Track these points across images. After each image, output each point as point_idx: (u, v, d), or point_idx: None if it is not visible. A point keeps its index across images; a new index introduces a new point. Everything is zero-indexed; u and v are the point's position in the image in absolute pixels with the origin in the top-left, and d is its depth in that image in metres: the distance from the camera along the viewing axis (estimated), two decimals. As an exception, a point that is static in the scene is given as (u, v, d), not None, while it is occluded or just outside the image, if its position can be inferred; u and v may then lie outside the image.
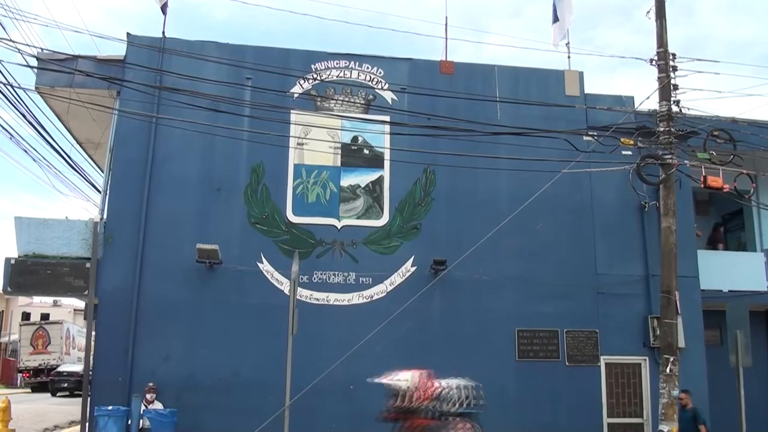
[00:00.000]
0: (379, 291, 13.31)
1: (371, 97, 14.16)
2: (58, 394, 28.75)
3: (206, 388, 12.39)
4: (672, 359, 11.11)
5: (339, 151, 13.89)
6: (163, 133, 13.20)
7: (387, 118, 13.48)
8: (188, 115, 12.02)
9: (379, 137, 13.91)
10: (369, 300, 13.24)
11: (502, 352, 13.53)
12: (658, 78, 11.80)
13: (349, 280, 13.30)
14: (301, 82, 13.94)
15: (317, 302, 13.08)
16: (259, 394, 11.99)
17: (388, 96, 14.21)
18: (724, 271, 15.60)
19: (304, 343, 11.67)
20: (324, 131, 13.58)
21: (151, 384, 12.07)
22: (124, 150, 13.26)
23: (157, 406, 11.90)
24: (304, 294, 12.87)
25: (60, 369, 30.60)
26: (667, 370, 11.08)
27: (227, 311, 12.81)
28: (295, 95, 13.85)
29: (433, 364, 13.00)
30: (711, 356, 14.48)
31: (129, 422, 11.58)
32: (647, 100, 12.89)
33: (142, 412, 11.66)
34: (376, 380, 10.18)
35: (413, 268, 13.52)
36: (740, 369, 12.06)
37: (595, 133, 13.05)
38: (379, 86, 14.23)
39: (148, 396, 11.93)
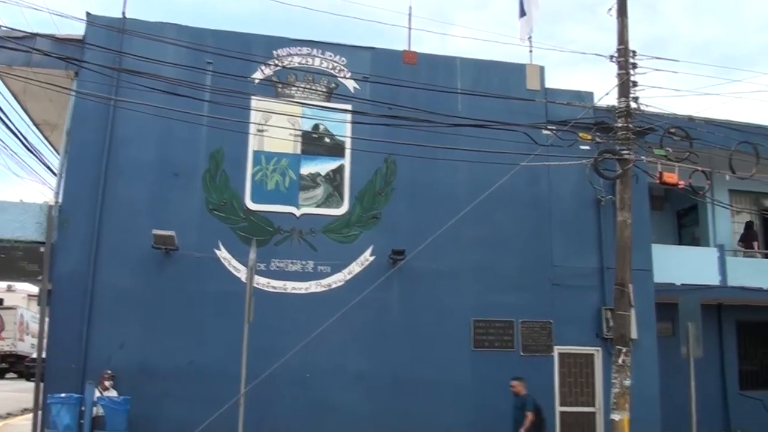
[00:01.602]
0: (337, 280, 13.37)
1: (333, 85, 14.16)
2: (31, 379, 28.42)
3: (162, 375, 12.32)
4: (624, 350, 11.31)
5: (299, 139, 13.87)
6: (121, 116, 13.03)
7: (349, 107, 13.51)
8: (147, 98, 11.80)
9: (341, 126, 13.92)
10: (327, 289, 13.28)
11: (459, 342, 13.73)
12: (618, 75, 11.94)
13: (307, 268, 13.32)
14: (263, 68, 13.86)
15: (275, 290, 13.08)
16: (216, 382, 11.96)
17: (351, 84, 14.23)
18: (678, 265, 16.01)
19: (261, 331, 11.66)
20: (285, 118, 13.49)
21: (108, 371, 11.96)
22: (81, 132, 13.06)
23: (112, 393, 11.79)
24: (261, 282, 12.84)
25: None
26: (620, 361, 11.28)
27: (184, 298, 12.75)
28: (256, 81, 13.76)
29: (390, 353, 13.26)
30: (663, 347, 14.88)
31: (83, 410, 11.45)
32: (606, 96, 13.10)
33: (95, 399, 11.53)
34: None
35: (372, 258, 13.60)
36: (691, 360, 12.39)
37: (554, 127, 13.19)
38: (342, 74, 14.24)
39: (105, 383, 11.82)
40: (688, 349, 12.45)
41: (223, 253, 13.06)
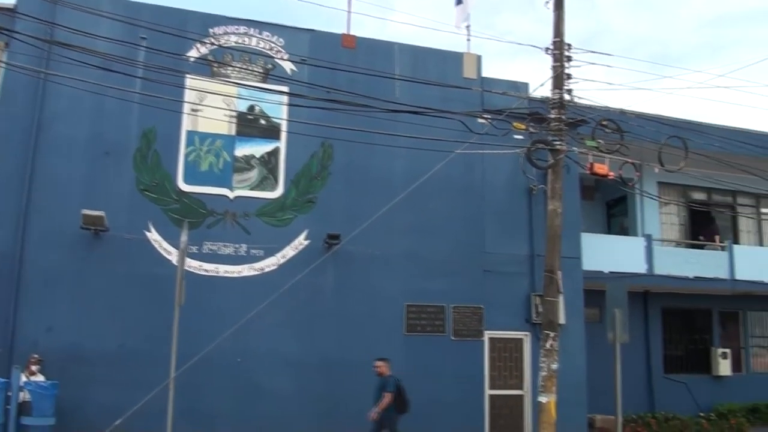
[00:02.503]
0: (270, 264, 13.47)
1: (270, 66, 14.17)
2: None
3: (91, 359, 12.25)
4: (552, 335, 11.77)
5: (234, 120, 13.84)
6: (52, 91, 12.81)
7: (286, 89, 13.40)
8: (79, 73, 11.52)
9: (277, 108, 13.92)
10: (260, 272, 13.38)
11: (391, 327, 14.03)
12: (553, 67, 12.29)
13: (240, 251, 13.38)
14: (198, 46, 13.77)
15: (207, 274, 13.11)
16: (146, 366, 11.96)
17: (288, 66, 14.27)
18: (607, 253, 16.68)
19: (193, 315, 11.77)
20: (220, 98, 13.35)
21: (35, 356, 11.83)
22: (9, 106, 12.78)
23: (39, 378, 11.67)
24: (193, 265, 12.88)
25: None
26: (548, 345, 11.73)
27: (113, 281, 12.67)
28: (191, 59, 13.66)
29: (323, 338, 13.47)
30: (591, 333, 15.49)
31: (9, 395, 11.25)
32: (541, 87, 13.43)
33: (22, 384, 11.35)
34: None
35: (306, 242, 13.76)
36: (617, 345, 12.86)
37: (490, 116, 13.53)
38: (279, 56, 14.26)
39: (32, 368, 11.67)
40: (614, 335, 12.90)
41: (154, 235, 13.03)
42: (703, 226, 20.28)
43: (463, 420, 14.07)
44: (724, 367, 19.25)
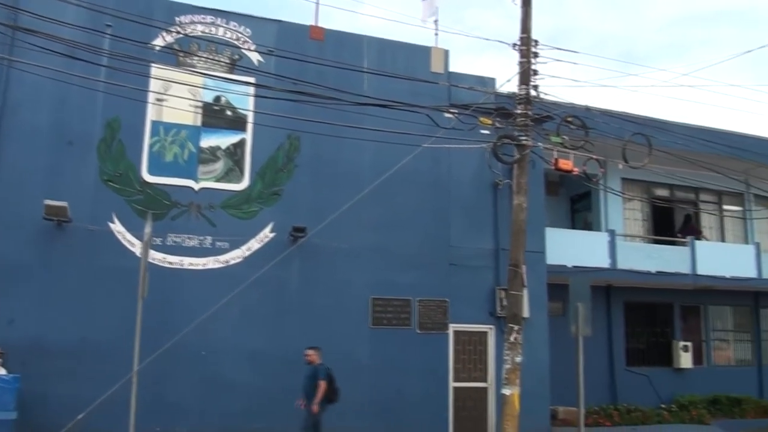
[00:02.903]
0: (235, 256, 13.49)
1: (237, 56, 14.14)
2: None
3: (54, 353, 12.15)
4: (516, 328, 11.96)
5: (200, 111, 13.80)
6: (15, 78, 12.65)
7: (252, 80, 13.39)
8: (43, 60, 11.34)
9: (243, 99, 13.90)
10: (225, 265, 13.39)
11: (357, 320, 14.14)
12: (520, 63, 12.45)
13: (204, 244, 13.37)
14: (164, 34, 13.69)
15: (171, 266, 13.09)
16: (109, 359, 11.89)
17: (255, 57, 14.25)
18: (570, 248, 17.00)
19: (157, 307, 11.79)
20: (185, 88, 13.27)
21: None
22: (-30, 94, 12.59)
23: (1, 371, 11.53)
24: (157, 257, 12.87)
25: None
26: (512, 339, 11.93)
27: (77, 273, 12.61)
28: (157, 48, 13.58)
29: (288, 331, 13.53)
30: (554, 326, 15.79)
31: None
32: (508, 82, 13.66)
33: (-18, 377, 11.26)
34: None
35: (272, 235, 13.79)
36: (580, 338, 13.05)
37: (456, 111, 13.69)
38: (246, 46, 14.23)
39: None
40: (577, 328, 13.08)
41: (117, 227, 12.97)
42: (682, 225, 21.01)
43: (427, 412, 14.26)
44: (686, 360, 19.72)
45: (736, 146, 17.81)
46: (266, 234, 13.80)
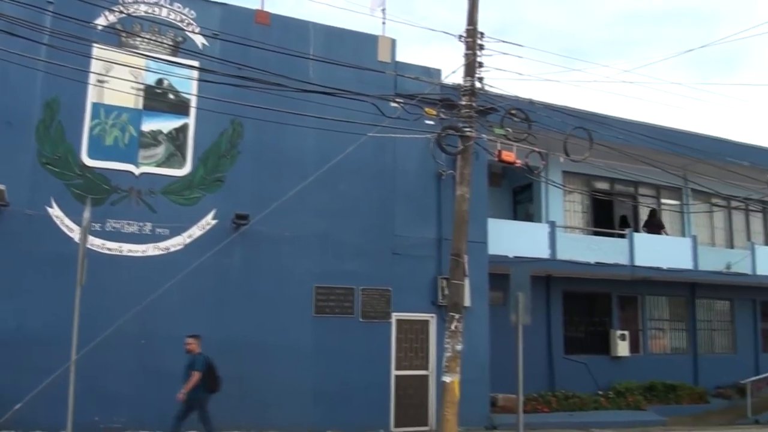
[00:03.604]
0: (176, 243, 13.43)
1: (180, 39, 14.03)
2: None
3: (-12, 342, 11.92)
4: (457, 317, 12.24)
5: (142, 93, 13.65)
6: (-50, 55, 12.34)
7: (196, 64, 13.28)
8: None
9: (186, 83, 13.78)
10: (165, 252, 13.32)
11: (300, 308, 14.25)
12: (465, 54, 12.66)
13: (145, 230, 13.28)
14: (107, 13, 13.49)
15: (110, 252, 12.98)
16: (46, 348, 11.70)
17: (199, 40, 14.15)
18: (512, 238, 17.37)
19: (95, 295, 11.65)
20: (127, 70, 13.08)
21: None
22: None
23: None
24: (96, 243, 12.74)
25: None
26: (453, 327, 12.20)
27: (12, 258, 12.40)
28: (99, 27, 13.36)
29: (230, 319, 13.55)
30: (494, 315, 16.11)
31: None
32: (453, 74, 13.79)
33: None
34: None
35: (214, 222, 13.77)
36: (520, 326, 13.31)
37: (402, 101, 13.79)
38: (190, 29, 14.13)
39: None
40: (517, 317, 13.39)
41: (55, 211, 12.81)
42: (647, 220, 21.85)
43: (369, 400, 14.48)
44: (623, 349, 20.41)
45: (675, 142, 18.37)
46: (208, 221, 13.76)
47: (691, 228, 22.37)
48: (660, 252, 20.15)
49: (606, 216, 21.02)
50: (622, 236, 20.00)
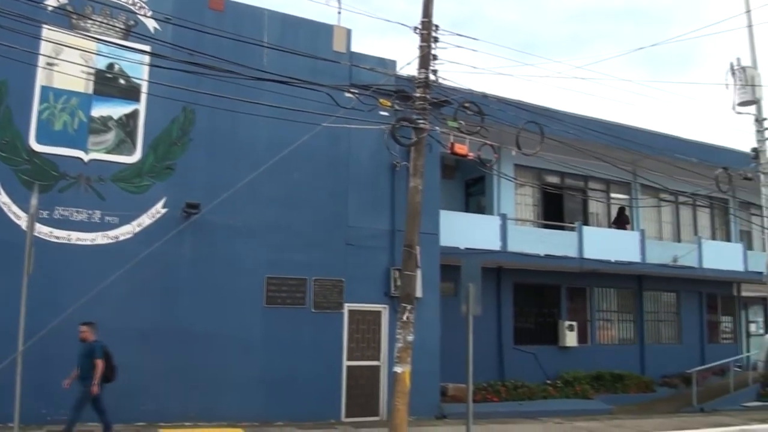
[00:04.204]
0: (125, 232, 13.30)
1: (132, 22, 13.82)
2: None
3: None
4: (409, 308, 12.41)
5: (92, 78, 13.45)
6: None
7: (148, 48, 13.06)
8: None
9: (138, 68, 13.60)
10: (114, 241, 13.19)
11: (251, 299, 14.26)
12: (420, 47, 12.78)
13: (93, 218, 13.11)
14: (58, -7, 13.21)
15: (58, 241, 12.80)
16: (-9, 339, 11.47)
17: (151, 24, 13.98)
18: (464, 230, 17.63)
19: (43, 284, 11.56)
20: (78, 53, 12.86)
21: None
22: None
23: None
24: (43, 231, 12.58)
25: None
26: (404, 318, 12.36)
27: (-44, 246, 12.12)
28: (49, 8, 13.06)
29: (180, 309, 13.48)
30: (446, 306, 16.35)
31: None
32: (408, 66, 13.93)
33: None
34: None
35: (164, 210, 13.66)
36: (470, 317, 13.48)
37: (357, 91, 13.86)
38: (142, 12, 13.91)
39: None
40: (468, 308, 13.62)
41: (2, 198, 12.56)
42: (616, 217, 22.59)
43: (320, 391, 14.60)
44: (571, 339, 20.93)
45: (625, 138, 18.86)
46: (158, 209, 13.65)
47: (640, 222, 22.99)
48: (608, 245, 20.70)
49: (556, 209, 21.44)
50: (572, 229, 20.44)
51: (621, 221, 22.73)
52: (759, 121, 19.15)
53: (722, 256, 23.65)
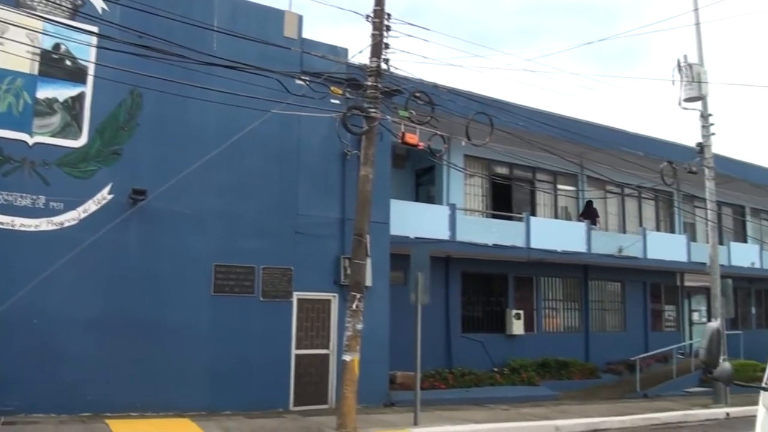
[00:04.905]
0: (71, 218, 13.00)
1: (80, 2, 13.49)
2: None
3: None
4: (359, 296, 12.57)
5: (38, 58, 13.11)
6: None
7: (95, 29, 12.76)
8: None
9: (85, 49, 13.28)
10: (59, 227, 12.87)
11: (199, 287, 14.11)
12: (372, 35, 12.89)
13: (38, 204, 12.77)
14: (2, -29, 12.90)
15: (2, 226, 12.43)
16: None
17: (99, 5, 13.67)
18: (414, 220, 17.79)
19: (-15, 271, 11.30)
20: (23, 32, 12.44)
21: None
22: None
23: None
24: (-14, 216, 12.30)
25: None
26: (354, 306, 12.53)
27: None
28: (-6, -15, 12.79)
29: (126, 298, 13.30)
30: (395, 294, 16.45)
31: None
32: (360, 54, 13.99)
33: None
34: None
35: (110, 196, 13.38)
36: (419, 306, 13.72)
37: (308, 78, 13.83)
38: (90, -9, 13.67)
39: None
40: (416, 296, 13.77)
41: (-56, 182, 12.25)
42: (584, 210, 23.11)
43: (268, 379, 14.58)
44: (518, 327, 21.35)
45: (573, 131, 19.21)
46: (104, 195, 13.38)
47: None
48: (555, 235, 21.13)
49: (505, 199, 21.78)
50: (519, 220, 20.79)
51: (590, 214, 23.20)
52: (704, 116, 19.71)
53: (666, 247, 24.37)
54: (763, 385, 5.45)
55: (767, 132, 67.84)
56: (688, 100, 19.57)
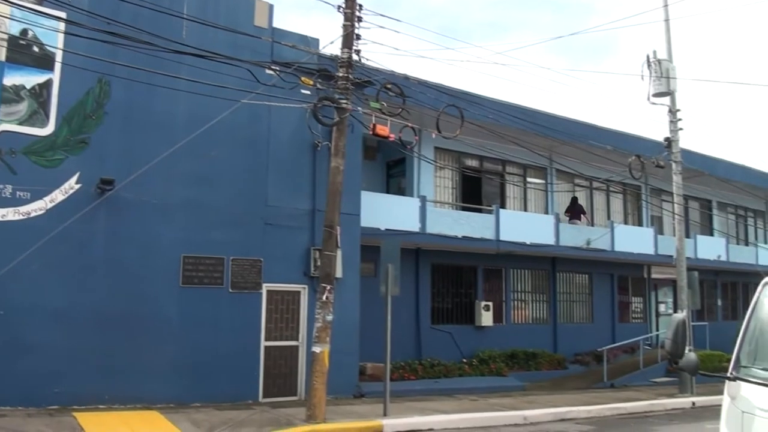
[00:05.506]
0: (37, 208, 12.81)
1: (47, -13, 13.38)
2: None
3: None
4: (329, 288, 12.62)
5: (5, 44, 12.87)
6: None
7: (63, 15, 12.54)
8: None
9: (53, 35, 13.08)
10: (26, 217, 12.67)
11: (167, 278, 14.01)
12: (343, 25, 12.89)
13: (4, 193, 12.55)
14: (-33, -46, 12.66)
15: (-33, 216, 12.31)
16: None
17: (68, -11, 13.53)
18: (384, 212, 17.87)
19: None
20: None
21: None
22: None
23: None
24: (-48, 205, 12.09)
25: None
26: (324, 298, 12.57)
27: None
28: (-42, -33, 12.55)
29: (94, 289, 13.18)
30: (365, 286, 16.61)
31: None
32: (331, 44, 14.00)
33: None
34: None
35: (78, 186, 13.21)
36: (389, 297, 13.79)
37: (278, 68, 13.79)
38: (57, -24, 13.46)
39: None
40: (386, 288, 13.83)
41: None
42: (570, 206, 23.61)
43: (237, 371, 14.56)
44: (487, 319, 21.54)
45: (542, 124, 19.43)
46: (71, 185, 13.21)
47: (554, 206, 23.73)
48: (524, 228, 21.36)
49: (475, 192, 21.92)
50: (489, 212, 20.94)
51: (575, 210, 23.45)
52: (672, 111, 20.01)
53: (634, 240, 24.74)
54: (728, 375, 5.58)
55: (734, 127, 68.92)
56: (657, 95, 19.86)
